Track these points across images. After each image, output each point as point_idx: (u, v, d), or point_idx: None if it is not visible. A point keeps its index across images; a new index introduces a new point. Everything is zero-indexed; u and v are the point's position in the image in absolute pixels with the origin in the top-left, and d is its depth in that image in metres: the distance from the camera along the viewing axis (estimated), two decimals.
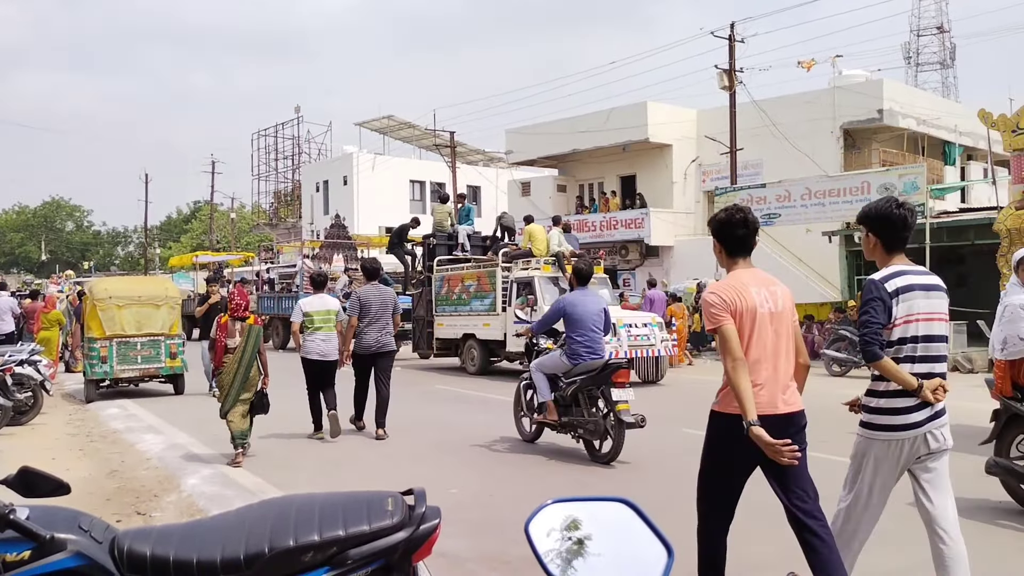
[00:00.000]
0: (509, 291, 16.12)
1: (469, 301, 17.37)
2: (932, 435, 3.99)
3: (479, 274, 17.36)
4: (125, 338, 13.42)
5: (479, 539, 5.62)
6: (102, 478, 7.80)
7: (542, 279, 15.60)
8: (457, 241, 19.60)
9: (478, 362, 17.26)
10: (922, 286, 3.95)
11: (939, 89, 59.97)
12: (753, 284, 3.97)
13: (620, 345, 14.07)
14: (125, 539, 2.09)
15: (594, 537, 1.66)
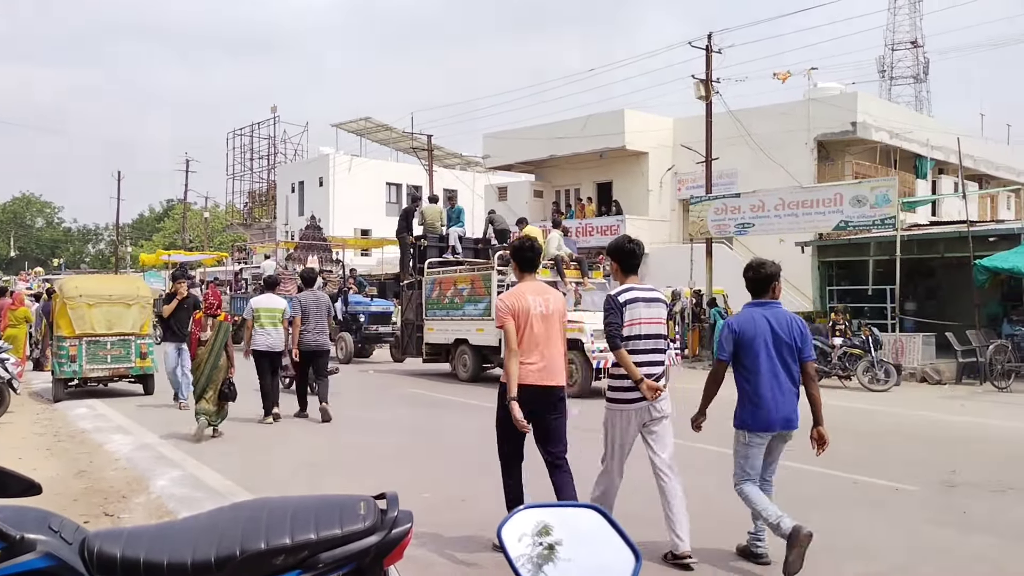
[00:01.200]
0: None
1: (462, 305, 16.70)
2: (654, 407, 5.42)
3: (473, 277, 16.68)
4: (95, 337, 13.26)
5: (451, 543, 5.62)
6: (70, 478, 7.71)
7: None
8: (448, 243, 18.99)
9: (471, 368, 16.59)
10: (644, 299, 5.40)
11: (912, 103, 60.72)
12: (530, 293, 5.48)
13: None
14: (95, 540, 2.08)
15: (564, 543, 1.69)
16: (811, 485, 7.52)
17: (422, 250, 18.57)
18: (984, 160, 30.46)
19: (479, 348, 16.40)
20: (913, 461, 8.62)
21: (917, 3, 64.11)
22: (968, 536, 5.95)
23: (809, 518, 6.37)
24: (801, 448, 9.08)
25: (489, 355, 16.36)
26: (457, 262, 18.34)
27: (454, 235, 19.03)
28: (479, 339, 16.29)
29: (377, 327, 21.72)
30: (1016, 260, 16.31)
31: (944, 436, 10.29)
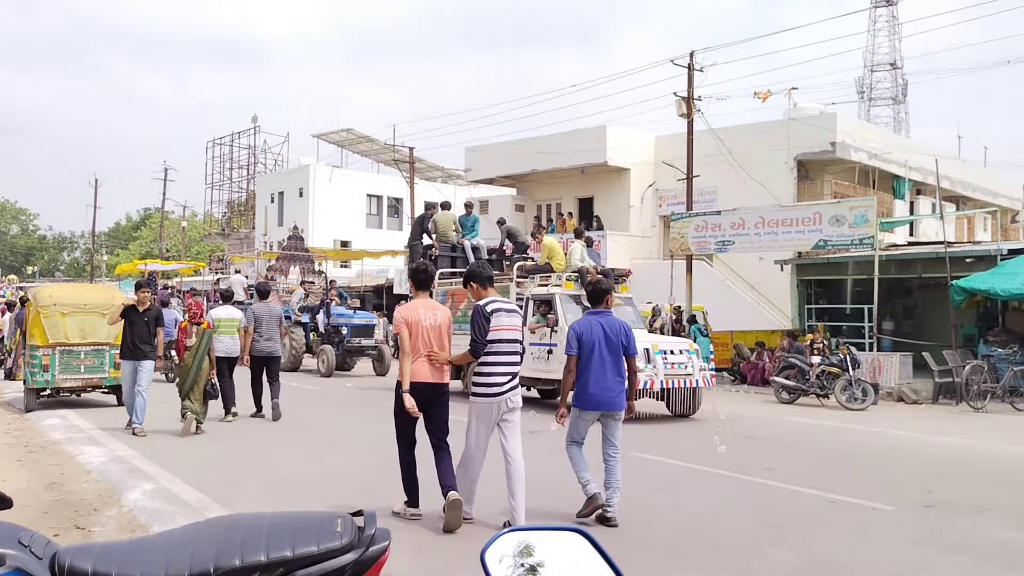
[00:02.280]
0: (524, 309, 14.53)
1: None
2: (509, 400, 6.46)
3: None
4: (68, 347, 13.10)
5: (428, 561, 5.56)
6: (40, 490, 7.58)
7: (563, 297, 14.12)
8: (462, 253, 18.02)
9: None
10: (506, 310, 6.62)
11: (891, 124, 61.47)
12: (422, 308, 6.68)
13: (656, 374, 12.65)
14: (66, 555, 2.03)
15: (547, 565, 1.66)
16: (788, 503, 7.53)
17: (433, 260, 17.50)
18: (961, 182, 30.82)
19: None
20: (890, 480, 8.64)
21: (896, 25, 64.99)
22: (944, 556, 5.96)
23: (786, 536, 6.39)
24: (781, 468, 9.13)
25: None
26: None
27: (468, 244, 18.16)
28: None
29: (360, 340, 21.40)
30: (992, 281, 16.47)
31: (921, 456, 10.34)
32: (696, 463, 9.36)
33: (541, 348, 13.92)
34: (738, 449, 10.37)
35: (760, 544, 6.17)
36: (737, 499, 7.74)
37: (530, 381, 14.44)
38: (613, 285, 7.41)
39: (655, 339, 13.90)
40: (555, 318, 13.69)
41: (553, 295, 14.09)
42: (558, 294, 14.09)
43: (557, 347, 13.24)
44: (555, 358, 13.41)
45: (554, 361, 13.50)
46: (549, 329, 13.70)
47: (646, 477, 8.69)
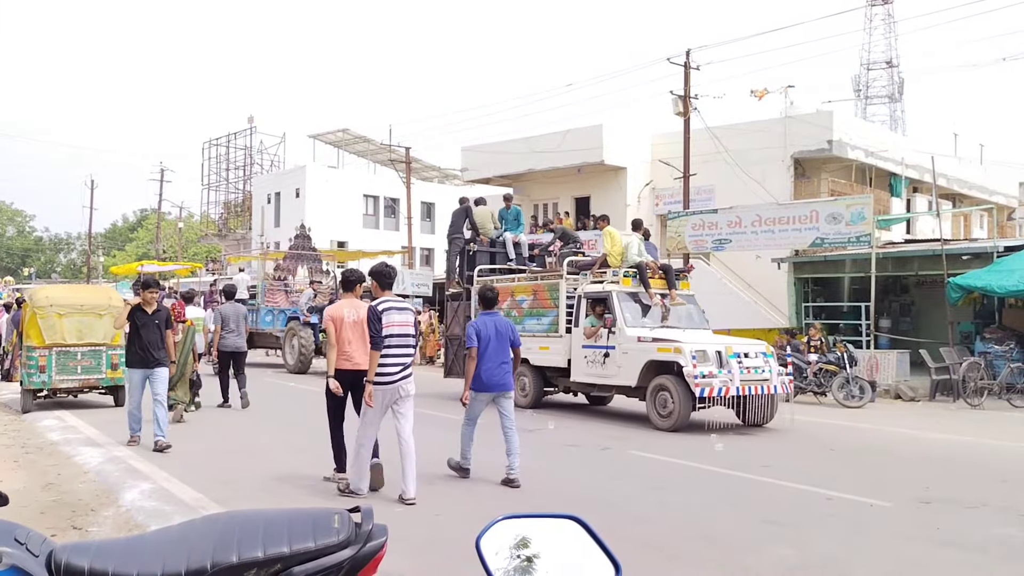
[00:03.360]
0: (576, 308, 13.44)
1: (521, 319, 14.44)
2: (401, 387, 7.34)
3: (536, 287, 14.50)
4: (65, 347, 13.08)
5: (425, 558, 5.56)
6: (37, 491, 7.57)
7: (621, 295, 12.84)
8: (502, 248, 16.73)
9: (531, 392, 14.29)
10: (397, 308, 7.43)
11: (887, 122, 61.48)
12: (346, 307, 7.88)
13: (731, 379, 11.44)
14: (63, 553, 2.02)
15: (543, 555, 1.67)
16: (786, 501, 7.54)
17: (471, 256, 16.42)
18: (958, 179, 30.87)
19: (541, 369, 14.22)
20: (887, 477, 8.66)
21: (892, 23, 65.07)
22: (941, 552, 5.97)
23: (784, 533, 6.40)
24: (778, 465, 9.15)
25: (554, 377, 14.19)
26: (512, 270, 16.17)
27: (510, 239, 16.79)
28: (542, 358, 14.05)
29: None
30: (989, 278, 16.50)
31: (918, 453, 10.36)
32: (693, 461, 9.37)
33: (596, 351, 12.87)
34: (734, 446, 10.39)
35: (758, 541, 6.17)
36: (735, 496, 7.74)
37: (583, 387, 13.69)
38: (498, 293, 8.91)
39: (729, 341, 12.60)
40: (612, 318, 12.54)
41: (609, 293, 12.86)
42: (615, 292, 12.85)
43: (616, 350, 12.44)
44: (613, 362, 12.51)
45: (611, 365, 12.55)
46: (606, 331, 12.58)
47: (644, 475, 8.70)
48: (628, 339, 12.32)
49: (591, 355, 12.91)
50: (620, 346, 12.40)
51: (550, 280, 14.42)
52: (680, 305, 13.27)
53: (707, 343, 11.95)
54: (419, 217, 43.38)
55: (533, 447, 10.33)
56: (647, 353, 12.01)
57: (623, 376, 12.38)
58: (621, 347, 12.38)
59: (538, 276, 15.03)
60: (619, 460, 9.52)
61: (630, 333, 12.34)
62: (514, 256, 16.60)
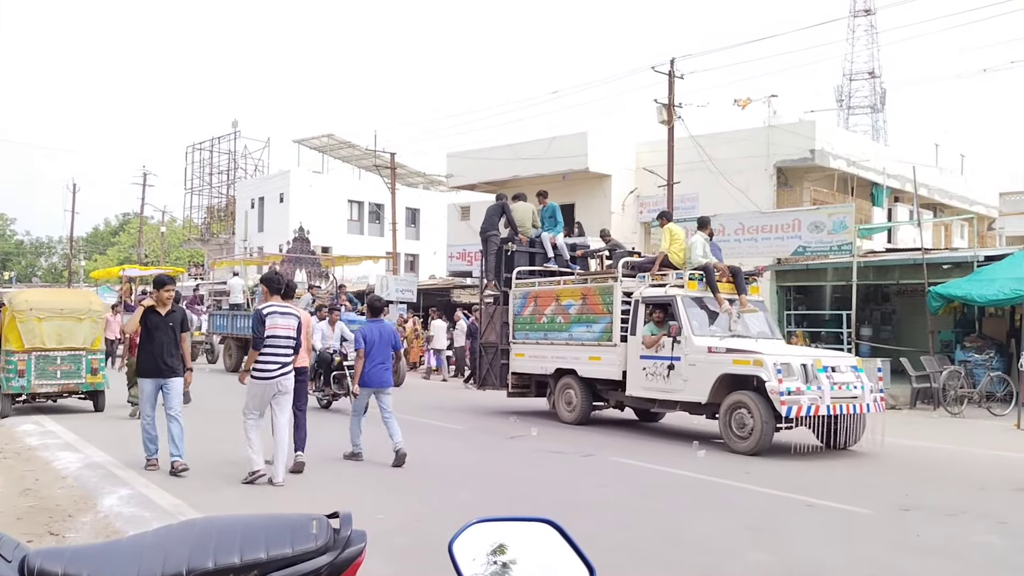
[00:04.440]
0: (633, 315, 12.12)
1: (568, 326, 13.19)
2: (279, 383, 8.18)
3: (586, 291, 13.13)
4: (45, 352, 12.97)
5: (405, 565, 5.54)
6: (14, 496, 7.49)
7: (686, 299, 11.53)
8: (541, 249, 15.36)
9: (578, 407, 12.96)
10: (280, 312, 8.30)
11: (869, 132, 61.94)
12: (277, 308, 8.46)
13: (821, 396, 10.06)
14: (36, 559, 1.99)
15: (519, 561, 1.66)
16: (765, 507, 7.57)
17: (509, 255, 15.00)
18: (939, 189, 31.11)
19: (590, 382, 12.96)
20: (867, 485, 8.70)
21: (875, 35, 65.61)
22: (921, 559, 6.00)
23: (763, 539, 6.42)
24: (759, 472, 9.17)
25: (604, 391, 12.92)
26: (554, 272, 14.92)
27: (547, 239, 15.41)
28: (592, 370, 12.80)
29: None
30: (969, 288, 16.62)
31: (898, 460, 10.41)
32: (676, 468, 9.38)
33: (658, 362, 11.52)
34: (715, 453, 10.41)
35: (738, 547, 6.19)
36: (715, 503, 7.76)
37: (641, 402, 12.44)
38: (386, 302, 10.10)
39: (816, 353, 11.39)
40: (677, 326, 11.23)
41: (673, 297, 11.54)
42: (680, 296, 11.52)
43: (681, 361, 11.13)
44: (678, 375, 11.18)
45: (676, 379, 11.20)
46: (670, 340, 11.24)
47: (626, 482, 8.71)
48: (697, 349, 10.99)
49: (651, 367, 11.60)
50: (687, 357, 11.08)
51: (602, 283, 13.02)
52: (751, 312, 11.99)
53: (791, 355, 10.66)
54: (404, 223, 43.29)
55: (516, 454, 10.34)
56: (720, 366, 10.69)
57: (690, 391, 11.06)
58: (688, 358, 11.07)
59: (588, 278, 13.75)
60: (602, 467, 9.52)
61: (699, 343, 11.01)
62: (552, 256, 15.25)
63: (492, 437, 11.76)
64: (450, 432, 12.19)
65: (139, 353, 9.00)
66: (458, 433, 12.13)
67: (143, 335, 8.82)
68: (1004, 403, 15.81)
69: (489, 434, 12.04)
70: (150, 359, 8.68)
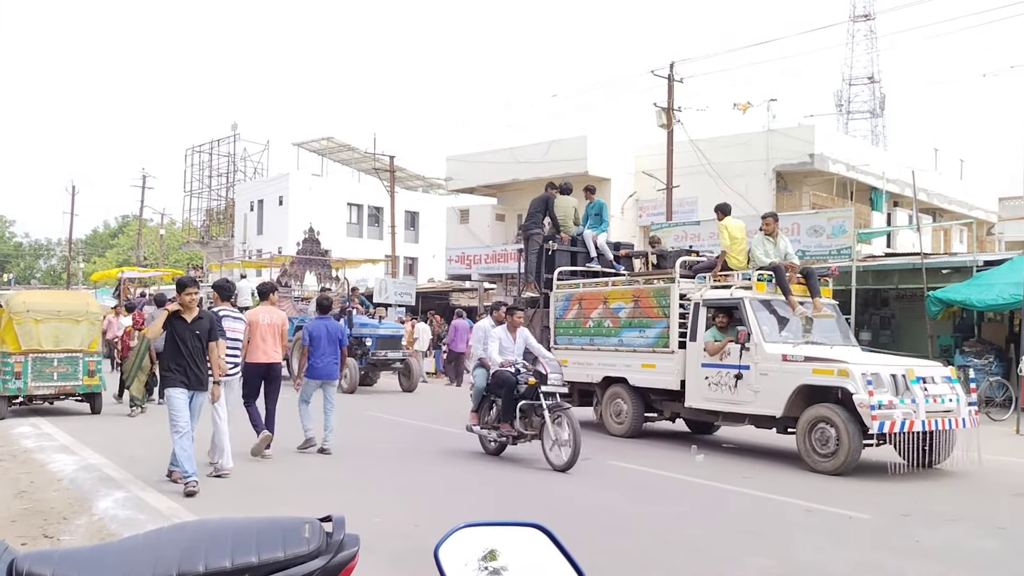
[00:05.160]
0: (693, 319, 11.18)
1: (617, 331, 12.21)
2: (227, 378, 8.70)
3: (638, 293, 12.05)
4: (41, 354, 12.93)
5: (400, 570, 5.51)
6: (9, 499, 7.46)
7: (754, 302, 10.56)
8: (583, 248, 14.23)
9: (629, 419, 11.95)
10: (231, 316, 9.13)
11: (869, 137, 62.00)
12: (262, 312, 9.91)
13: (915, 411, 9.12)
14: (25, 561, 1.97)
15: (510, 567, 1.63)
16: (765, 512, 7.54)
17: (551, 255, 13.91)
18: (938, 194, 31.14)
19: (643, 391, 11.95)
20: (867, 490, 8.66)
21: (874, 39, 65.71)
22: (921, 563, 5.97)
23: (763, 544, 6.39)
24: (758, 477, 9.14)
25: (658, 401, 11.94)
26: (595, 272, 13.83)
27: (589, 237, 14.20)
28: (645, 378, 11.79)
29: (386, 352, 19.24)
30: (968, 292, 16.61)
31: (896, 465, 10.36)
32: (674, 472, 9.35)
33: (723, 371, 10.51)
34: (714, 457, 10.38)
35: (737, 552, 6.16)
36: (715, 507, 7.74)
37: (702, 415, 11.37)
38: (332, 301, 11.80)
39: (908, 362, 10.07)
40: (746, 331, 10.22)
41: (740, 300, 10.60)
42: (747, 299, 10.57)
43: (751, 370, 10.16)
44: (747, 385, 10.19)
45: (745, 390, 10.21)
46: (738, 346, 10.24)
47: (625, 486, 8.68)
48: (769, 357, 10.01)
49: (715, 376, 10.62)
50: (758, 366, 10.10)
51: (658, 285, 11.91)
52: (826, 317, 10.87)
53: (880, 364, 9.73)
54: (403, 226, 43.29)
55: (513, 458, 10.29)
56: (798, 376, 9.69)
57: (762, 403, 10.07)
58: (759, 367, 10.09)
59: (641, 279, 12.60)
60: (598, 471, 9.48)
61: (771, 350, 10.04)
62: (595, 256, 14.10)
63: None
64: (447, 435, 12.15)
65: (165, 362, 8.17)
66: (455, 436, 12.08)
67: (168, 342, 8.02)
68: (1003, 408, 15.78)
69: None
70: (178, 369, 7.90)
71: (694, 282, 11.62)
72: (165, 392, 8.08)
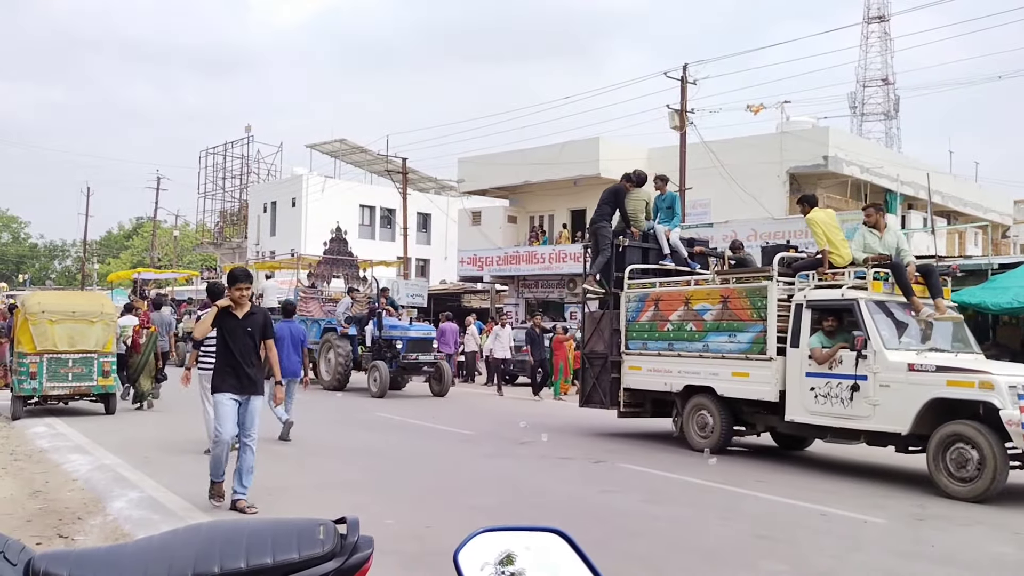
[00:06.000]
0: (794, 322, 9.97)
1: (702, 335, 11.03)
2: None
3: (728, 293, 10.81)
4: (56, 354, 13.00)
5: (414, 572, 5.51)
6: (24, 498, 7.50)
7: (870, 304, 9.34)
8: (655, 244, 13.01)
9: (716, 432, 10.78)
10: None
11: (883, 139, 61.77)
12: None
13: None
14: (41, 562, 1.98)
15: (528, 572, 1.62)
16: (779, 516, 7.50)
17: (620, 252, 12.76)
18: (952, 196, 30.96)
19: (733, 402, 10.79)
20: (882, 494, 8.61)
21: (888, 41, 65.42)
22: (935, 568, 5.93)
23: (777, 548, 6.36)
24: (773, 480, 9.10)
25: (749, 414, 10.82)
26: (668, 271, 12.74)
27: (661, 232, 12.99)
28: (736, 388, 10.60)
29: (416, 355, 18.65)
30: (983, 295, 16.49)
31: (913, 469, 10.32)
32: (688, 475, 9.32)
33: (833, 382, 9.36)
34: (727, 460, 10.35)
35: (751, 555, 6.13)
36: (728, 511, 7.70)
37: (807, 430, 10.22)
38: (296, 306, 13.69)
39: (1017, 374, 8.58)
40: (863, 337, 9.03)
41: (854, 302, 9.38)
42: (863, 300, 9.36)
43: (869, 381, 8.96)
44: (865, 398, 8.99)
45: (862, 403, 9.01)
46: (855, 354, 9.05)
47: (638, 489, 8.66)
48: (892, 366, 8.87)
49: (822, 387, 9.45)
50: (877, 376, 8.93)
51: (752, 283, 10.70)
52: (954, 320, 9.78)
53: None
54: (415, 228, 43.35)
55: (526, 460, 10.29)
56: (929, 388, 8.55)
57: (883, 418, 8.92)
58: (879, 377, 8.94)
59: (730, 278, 11.27)
60: (612, 473, 9.47)
61: (894, 358, 8.90)
62: (668, 253, 12.95)
63: (502, 443, 11.73)
64: (460, 437, 12.16)
65: (216, 362, 7.43)
66: (468, 438, 12.09)
67: (218, 342, 7.34)
68: None
69: (499, 440, 12.01)
70: (228, 371, 7.20)
71: (793, 281, 10.40)
72: (212, 397, 7.45)
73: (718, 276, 11.58)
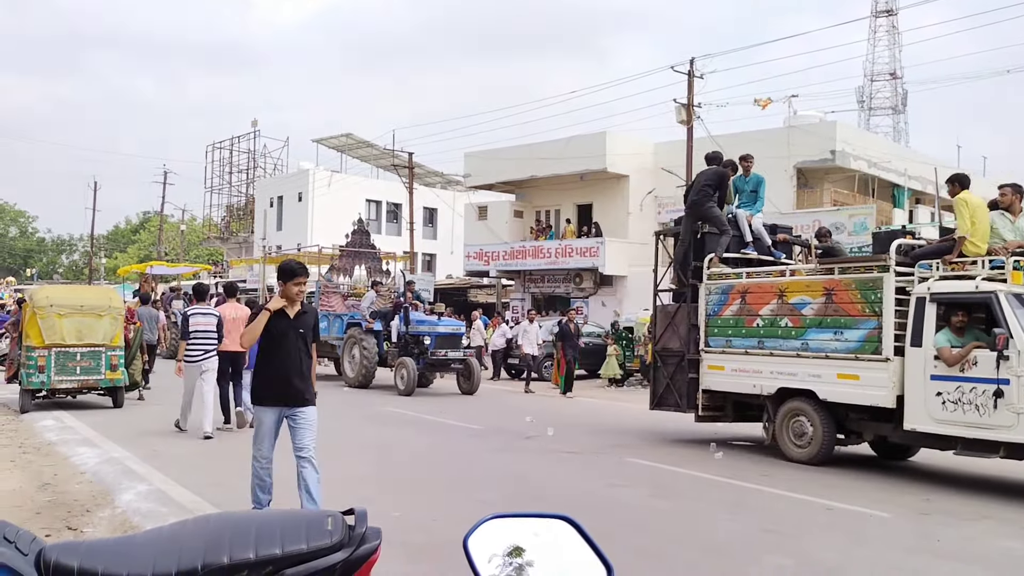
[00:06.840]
0: (916, 318, 8.79)
1: (800, 332, 9.90)
2: (202, 366, 10.82)
3: (832, 284, 9.64)
4: (64, 348, 13.05)
5: (420, 563, 5.53)
6: (33, 491, 7.54)
7: (1011, 298, 8.19)
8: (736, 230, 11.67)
9: (817, 442, 9.66)
10: (202, 313, 11.07)
11: (891, 133, 61.54)
12: (228, 308, 11.54)
13: None
14: (52, 552, 1.99)
15: (536, 562, 1.64)
16: (785, 510, 7.51)
17: (698, 239, 11.61)
18: None
19: (837, 408, 9.66)
20: (887, 488, 8.61)
21: (896, 35, 65.15)
22: (942, 563, 5.93)
23: (783, 542, 6.37)
24: (778, 475, 9.11)
25: (856, 421, 9.67)
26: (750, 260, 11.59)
27: (743, 218, 11.81)
28: (843, 392, 9.47)
29: (445, 351, 17.93)
30: None
31: (918, 465, 10.31)
32: (695, 470, 9.33)
33: (966, 386, 8.24)
34: (733, 454, 10.35)
35: (756, 550, 6.14)
36: (734, 505, 7.71)
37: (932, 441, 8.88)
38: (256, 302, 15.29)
39: None
40: (1004, 335, 7.90)
41: (992, 295, 8.22)
42: (1003, 293, 8.19)
43: (1012, 385, 7.87)
44: (1008, 405, 7.89)
45: (1005, 412, 7.90)
46: (995, 355, 7.94)
47: (643, 483, 8.67)
48: None
49: (952, 392, 8.32)
50: (1021, 380, 7.86)
51: (861, 274, 9.44)
52: None
53: None
54: (421, 222, 43.39)
55: (531, 453, 10.31)
56: None
57: None
58: (1019, 383, 7.87)
59: (835, 267, 9.93)
60: (618, 467, 9.48)
61: None
62: (751, 241, 11.75)
63: (509, 436, 11.75)
64: (467, 431, 12.18)
65: (257, 369, 6.61)
66: (475, 432, 12.11)
67: (265, 346, 6.38)
68: None
69: (506, 434, 12.03)
70: (272, 379, 6.33)
71: (913, 271, 9.16)
72: (255, 409, 6.70)
73: (820, 265, 10.32)
